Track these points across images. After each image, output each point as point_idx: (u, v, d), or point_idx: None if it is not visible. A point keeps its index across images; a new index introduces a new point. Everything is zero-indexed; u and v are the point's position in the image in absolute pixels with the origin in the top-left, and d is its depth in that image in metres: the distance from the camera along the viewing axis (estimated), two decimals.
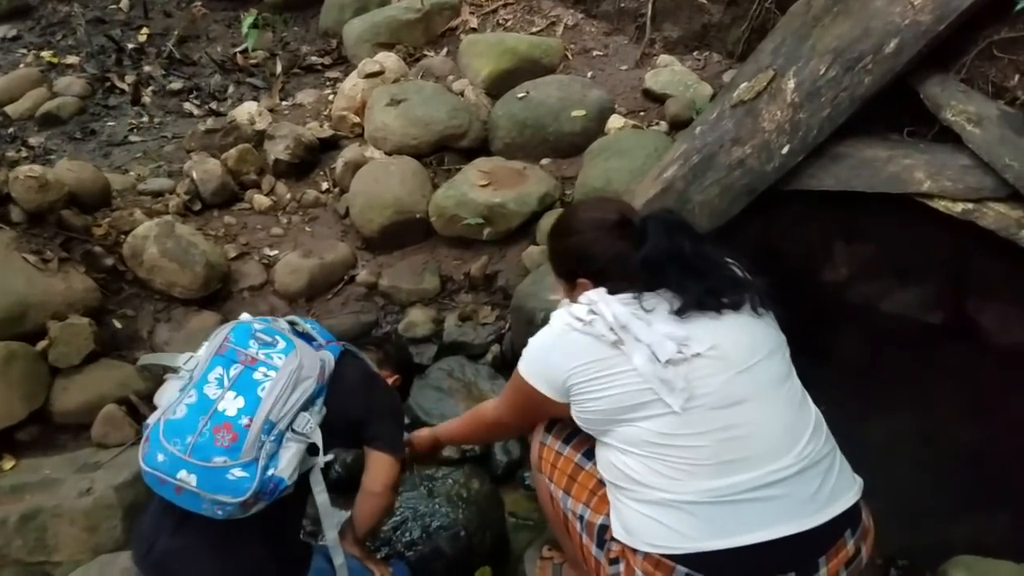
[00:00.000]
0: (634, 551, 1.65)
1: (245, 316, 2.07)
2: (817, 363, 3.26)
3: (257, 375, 1.85)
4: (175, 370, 1.95)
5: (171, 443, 1.77)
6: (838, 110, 2.81)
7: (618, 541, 1.69)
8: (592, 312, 1.69)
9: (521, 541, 2.76)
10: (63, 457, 2.87)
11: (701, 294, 1.68)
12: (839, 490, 1.66)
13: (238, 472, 1.75)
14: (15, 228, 3.09)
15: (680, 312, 1.67)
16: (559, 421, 1.93)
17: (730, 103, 2.98)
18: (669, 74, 3.86)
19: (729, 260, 1.82)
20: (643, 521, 1.64)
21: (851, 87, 2.78)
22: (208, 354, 1.91)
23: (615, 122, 3.75)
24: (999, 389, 3.11)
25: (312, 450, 1.90)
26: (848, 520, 1.65)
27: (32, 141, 4.73)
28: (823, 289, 3.44)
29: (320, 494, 1.96)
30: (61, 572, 2.58)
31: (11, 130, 4.89)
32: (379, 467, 2.06)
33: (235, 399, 1.81)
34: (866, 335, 3.46)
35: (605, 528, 1.74)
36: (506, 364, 3.31)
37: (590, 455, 1.84)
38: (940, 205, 2.72)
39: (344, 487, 2.55)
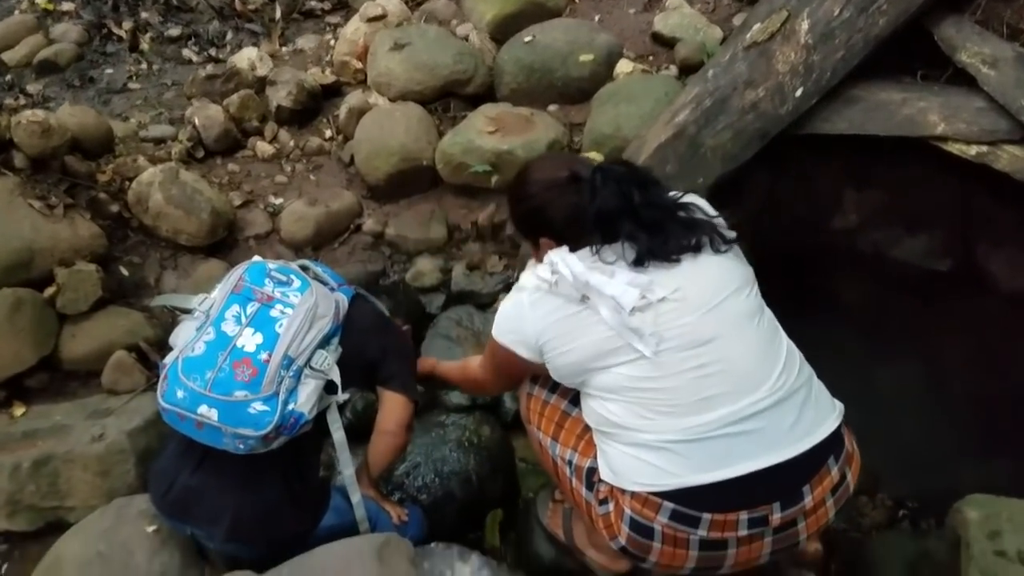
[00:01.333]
0: (622, 491, 1.71)
1: (257, 257, 2.07)
2: (826, 308, 3.30)
3: (274, 312, 1.87)
4: (189, 311, 1.95)
5: (190, 379, 1.79)
6: (852, 52, 2.78)
7: (606, 482, 1.76)
8: (554, 272, 1.72)
9: (531, 486, 2.80)
10: (73, 404, 2.88)
11: (656, 244, 1.71)
12: (819, 418, 1.72)
13: (259, 406, 1.78)
14: (19, 174, 3.05)
15: (638, 263, 1.69)
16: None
17: (743, 45, 2.94)
18: (679, 17, 3.78)
19: (685, 200, 1.83)
20: (628, 462, 1.70)
21: (865, 28, 2.75)
22: (224, 293, 1.93)
23: (624, 67, 3.69)
24: (1007, 335, 3.13)
25: (329, 388, 1.92)
26: (830, 447, 1.71)
27: (30, 89, 4.66)
28: (832, 236, 3.44)
29: (337, 431, 1.98)
30: (75, 516, 2.58)
31: (8, 78, 4.82)
32: (393, 407, 2.09)
33: (253, 335, 1.84)
34: (875, 282, 3.47)
35: (593, 471, 1.81)
36: None
37: (576, 402, 1.89)
38: (954, 148, 2.70)
39: (355, 435, 2.57)
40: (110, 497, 2.53)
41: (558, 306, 1.73)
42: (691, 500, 1.64)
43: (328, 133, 3.99)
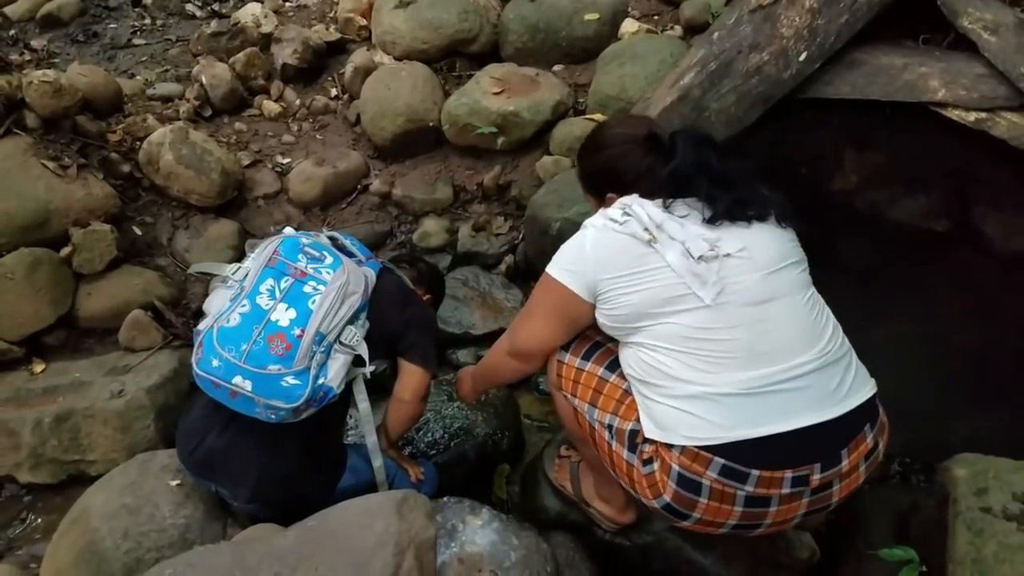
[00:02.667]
0: (669, 447, 1.71)
1: (289, 230, 2.12)
2: (824, 267, 3.36)
3: (307, 288, 1.93)
4: (223, 279, 2.01)
5: (226, 350, 1.85)
6: (856, 16, 2.79)
7: (651, 441, 1.75)
8: (627, 214, 1.75)
9: (536, 441, 2.88)
10: (91, 361, 2.96)
11: (730, 204, 1.74)
12: (857, 386, 1.75)
13: (291, 380, 1.85)
14: (31, 134, 3.08)
15: (711, 220, 1.73)
16: (575, 339, 1.97)
17: (748, 8, 2.95)
18: None
19: (753, 175, 1.87)
20: (677, 415, 1.70)
21: None
22: (258, 266, 1.97)
23: (629, 26, 3.69)
24: (999, 294, 3.19)
25: (356, 361, 1.98)
26: (867, 415, 1.75)
27: (34, 44, 4.65)
28: (832, 196, 3.48)
29: (363, 402, 2.06)
30: (96, 470, 2.69)
31: (12, 32, 4.80)
32: (410, 377, 2.16)
33: (287, 310, 1.90)
34: (872, 241, 3.52)
35: (636, 433, 1.80)
36: (519, 274, 3.37)
37: (612, 367, 1.90)
38: (953, 114, 2.73)
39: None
40: (130, 451, 2.64)
41: (625, 246, 1.73)
42: (741, 455, 1.66)
43: (334, 92, 4.01)
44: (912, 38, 2.91)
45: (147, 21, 4.82)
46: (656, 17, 3.80)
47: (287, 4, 4.68)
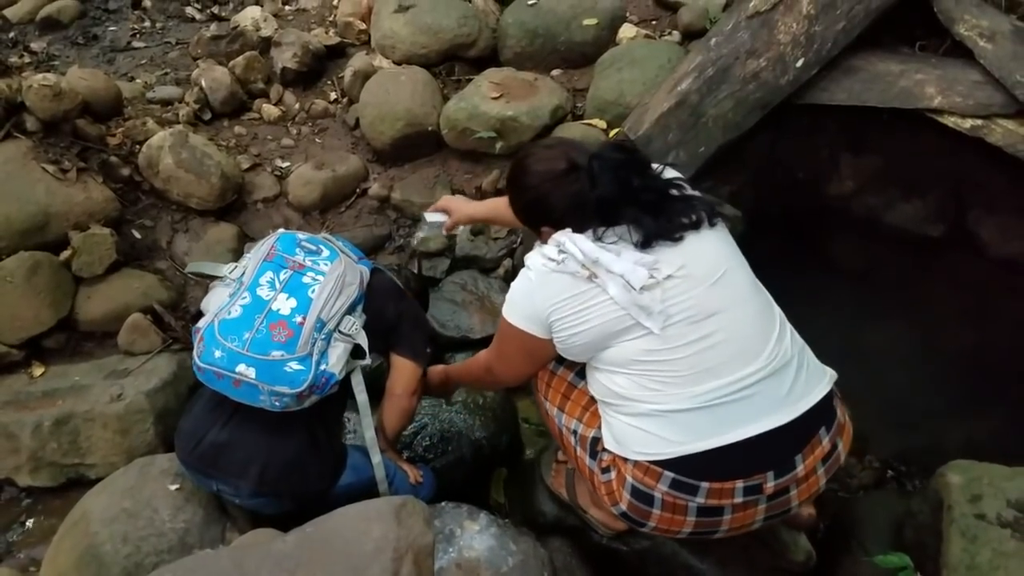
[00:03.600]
0: (625, 460, 1.79)
1: (283, 229, 2.16)
2: (820, 271, 3.38)
3: (306, 279, 1.98)
4: (220, 278, 2.04)
5: (228, 340, 1.89)
6: (853, 23, 2.81)
7: (609, 451, 1.83)
8: (562, 251, 1.76)
9: (533, 445, 2.90)
10: (90, 364, 2.96)
11: (660, 226, 1.75)
12: (809, 386, 1.78)
13: (294, 365, 1.89)
14: (31, 137, 3.09)
15: (644, 244, 1.74)
16: None
17: (746, 14, 2.97)
18: None
19: (675, 178, 1.88)
20: (632, 432, 1.77)
21: (867, 0, 2.78)
22: (256, 260, 2.02)
23: (627, 31, 3.71)
24: (994, 297, 3.21)
25: (354, 354, 2.01)
26: (822, 417, 1.78)
27: (34, 46, 4.66)
28: (829, 201, 3.50)
29: (360, 394, 2.09)
30: (95, 473, 2.69)
31: (12, 34, 4.81)
32: (401, 371, 2.19)
33: (287, 300, 1.94)
34: (869, 245, 3.54)
35: (597, 440, 1.88)
36: None
37: (582, 374, 1.95)
38: (949, 121, 2.75)
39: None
40: (129, 455, 2.64)
41: (566, 284, 1.76)
42: (690, 469, 1.71)
43: (333, 96, 4.01)
44: (909, 45, 2.94)
45: (147, 24, 4.83)
46: (654, 22, 3.82)
47: (286, 8, 4.69)
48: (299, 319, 1.92)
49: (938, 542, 1.95)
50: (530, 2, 3.82)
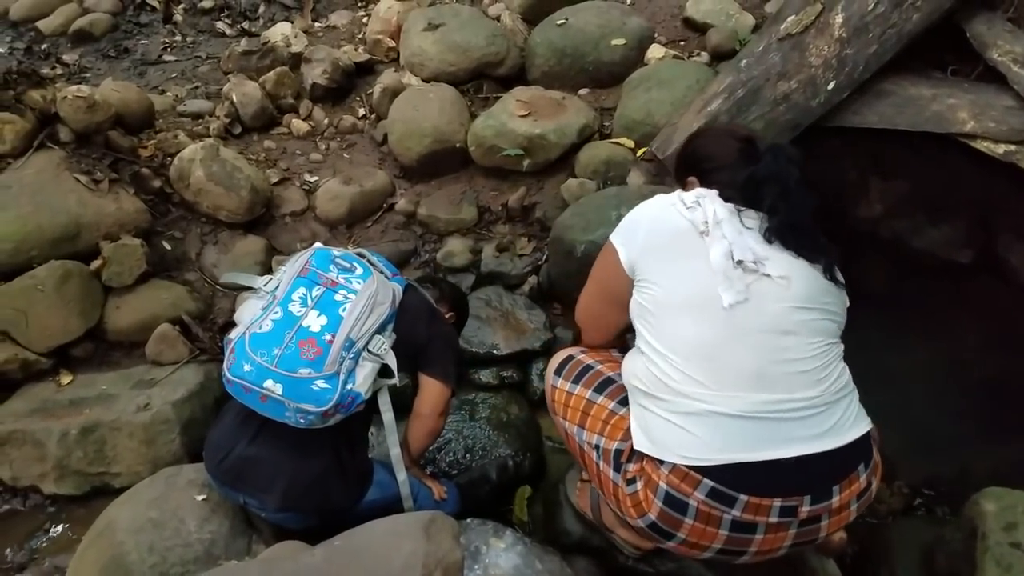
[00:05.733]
0: (659, 464, 1.71)
1: (319, 244, 2.16)
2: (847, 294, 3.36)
3: (338, 297, 1.97)
4: (254, 290, 2.05)
5: (258, 354, 1.89)
6: (885, 47, 2.81)
7: (640, 453, 1.75)
8: (697, 202, 1.77)
9: (557, 464, 2.88)
10: (118, 373, 2.98)
11: (788, 225, 1.74)
12: (855, 424, 1.76)
13: (321, 383, 1.89)
14: (64, 148, 3.13)
15: (768, 233, 1.74)
16: (568, 363, 2.04)
17: (777, 36, 2.97)
18: (711, 2, 3.80)
19: (819, 213, 1.88)
20: (674, 432, 1.70)
21: (899, 23, 2.77)
22: (290, 276, 2.03)
23: (655, 52, 3.72)
24: (1022, 325, 3.17)
25: (382, 372, 2.01)
26: (861, 453, 1.75)
27: (66, 58, 4.73)
28: (857, 224, 3.48)
29: (387, 413, 2.08)
30: (120, 483, 2.70)
31: (44, 47, 4.89)
32: (430, 392, 2.18)
33: (318, 317, 1.94)
34: (896, 269, 3.51)
35: (620, 452, 1.84)
36: (543, 295, 3.38)
37: (601, 389, 1.94)
38: (982, 146, 2.73)
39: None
40: (154, 465, 2.65)
41: (680, 230, 1.75)
42: (731, 479, 1.66)
43: (361, 112, 4.04)
44: (940, 69, 2.93)
45: (177, 38, 4.90)
46: (683, 43, 3.83)
47: (317, 25, 4.75)
48: (328, 337, 1.92)
49: (971, 570, 1.93)
50: (559, 22, 3.84)
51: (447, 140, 3.63)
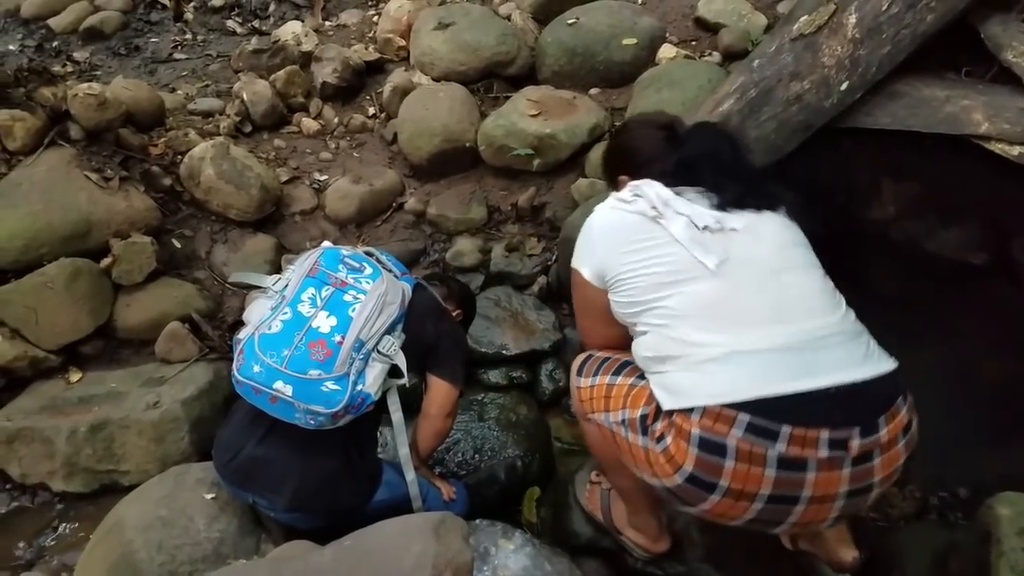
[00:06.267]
0: (688, 413, 1.59)
1: (327, 243, 2.15)
2: (858, 296, 3.34)
3: (348, 297, 1.97)
4: (263, 290, 2.04)
5: (267, 355, 1.89)
6: (899, 47, 2.78)
7: (667, 414, 1.65)
8: (636, 195, 1.76)
9: (566, 465, 2.86)
10: (127, 371, 2.99)
11: (739, 193, 1.75)
12: (885, 358, 1.68)
13: (331, 385, 1.88)
14: (75, 146, 3.13)
15: (718, 207, 1.74)
16: (586, 361, 2.00)
17: (789, 36, 2.95)
18: (723, 2, 3.79)
19: (767, 173, 1.90)
20: (698, 379, 1.61)
21: (913, 24, 2.75)
22: (299, 275, 2.02)
23: (666, 51, 3.70)
24: None
25: (391, 372, 2.00)
26: (898, 387, 1.65)
27: (77, 56, 4.74)
28: (868, 226, 3.46)
29: (396, 413, 2.08)
30: (128, 480, 2.71)
31: (55, 44, 4.90)
32: (437, 393, 2.17)
33: (328, 318, 1.93)
34: (908, 271, 3.49)
35: (645, 416, 1.73)
36: (552, 295, 3.37)
37: (619, 371, 1.89)
38: (997, 148, 2.71)
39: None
40: (163, 463, 2.66)
41: (632, 224, 1.74)
42: (769, 411, 1.53)
43: (371, 111, 4.04)
44: (954, 70, 2.90)
45: (188, 36, 4.90)
46: (694, 43, 3.81)
47: (327, 23, 4.75)
48: (338, 338, 1.91)
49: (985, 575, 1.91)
50: (569, 21, 3.83)
51: (457, 139, 3.62)
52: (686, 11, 3.94)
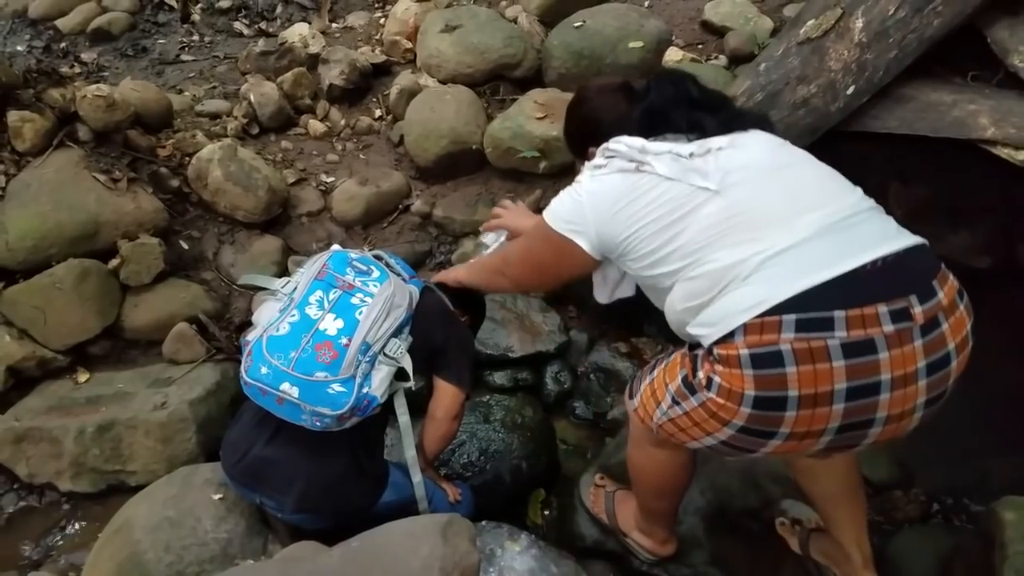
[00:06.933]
0: (730, 340, 1.49)
1: (336, 247, 2.17)
2: None
3: (355, 300, 1.98)
4: (272, 292, 2.05)
5: (275, 357, 1.90)
6: (905, 52, 2.79)
7: (709, 352, 1.55)
8: (608, 155, 1.72)
9: (571, 467, 2.88)
10: (135, 371, 3.00)
11: (714, 122, 1.72)
12: (910, 234, 1.59)
13: (337, 387, 1.89)
14: (83, 147, 3.14)
15: (698, 139, 1.70)
16: (632, 382, 1.91)
17: (796, 40, 2.96)
18: (729, 5, 3.80)
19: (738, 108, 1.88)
20: (732, 301, 1.51)
21: (920, 28, 2.75)
22: (308, 278, 2.03)
23: (673, 55, 3.71)
24: None
25: (398, 375, 2.01)
26: (935, 256, 1.57)
27: (84, 57, 4.75)
28: None
29: (403, 416, 2.09)
30: (135, 480, 2.73)
31: (63, 45, 4.91)
32: (444, 395, 2.18)
33: (335, 320, 1.94)
34: None
35: (685, 376, 1.64)
36: (558, 298, 3.38)
37: (653, 369, 1.81)
38: (1003, 152, 2.71)
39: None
40: (170, 463, 2.67)
41: (618, 184, 1.68)
42: (815, 302, 1.44)
43: (378, 113, 4.05)
44: (961, 75, 2.91)
45: (195, 38, 4.91)
46: (700, 46, 3.82)
47: (334, 25, 4.76)
48: (344, 341, 1.92)
49: None
50: (576, 24, 3.83)
51: (463, 142, 3.63)
52: (693, 14, 3.95)
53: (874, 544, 2.39)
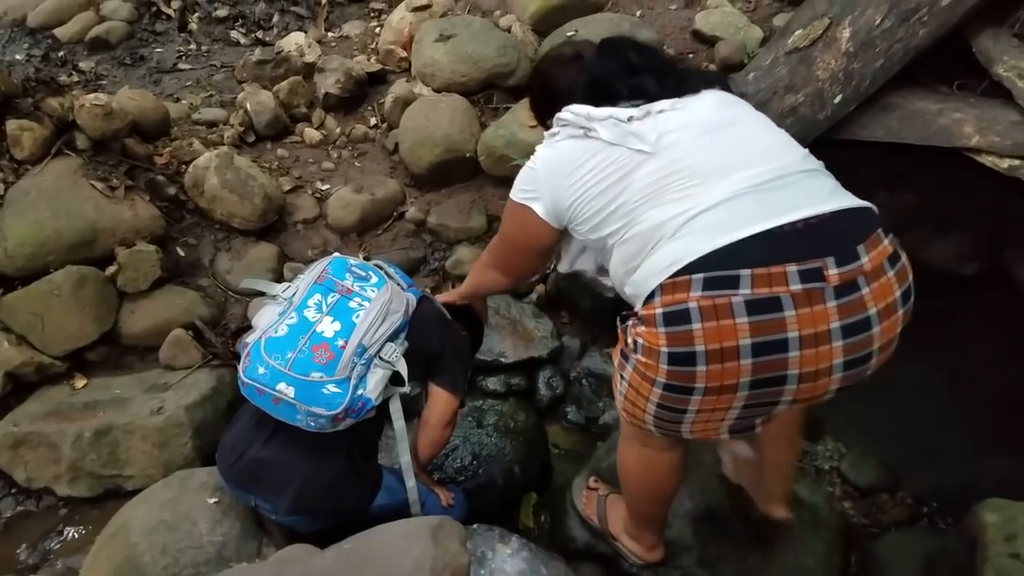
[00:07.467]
0: (650, 300, 1.53)
1: (336, 253, 2.22)
2: None
3: (352, 304, 2.02)
4: (272, 296, 2.09)
5: (272, 358, 1.94)
6: (892, 61, 2.83)
7: (635, 315, 1.60)
8: (561, 123, 1.77)
9: (563, 470, 2.91)
10: (132, 377, 3.03)
11: (657, 88, 1.73)
12: (857, 199, 1.57)
13: (332, 388, 1.93)
14: (81, 155, 3.17)
15: (643, 103, 1.71)
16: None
17: (784, 50, 3.01)
18: (719, 15, 3.82)
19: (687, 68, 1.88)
20: (656, 260, 1.54)
21: (906, 38, 2.80)
22: (307, 283, 2.08)
23: None
24: None
25: (394, 380, 2.05)
26: (875, 221, 1.53)
27: (82, 65, 4.77)
28: None
29: (398, 420, 2.12)
30: (132, 485, 2.75)
31: (61, 53, 4.93)
32: (437, 401, 2.22)
33: (332, 323, 1.98)
34: None
35: (623, 349, 1.67)
36: (551, 303, 3.42)
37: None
38: (987, 160, 2.76)
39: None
40: (167, 468, 2.70)
41: (569, 150, 1.72)
42: (723, 262, 1.45)
43: (373, 121, 4.08)
44: (947, 84, 2.95)
45: (192, 47, 4.94)
46: (691, 55, 3.85)
47: (330, 35, 4.79)
48: (341, 343, 1.96)
49: None
50: (569, 33, 3.87)
51: (457, 149, 3.67)
52: (683, 24, 3.97)
53: (862, 548, 2.44)
